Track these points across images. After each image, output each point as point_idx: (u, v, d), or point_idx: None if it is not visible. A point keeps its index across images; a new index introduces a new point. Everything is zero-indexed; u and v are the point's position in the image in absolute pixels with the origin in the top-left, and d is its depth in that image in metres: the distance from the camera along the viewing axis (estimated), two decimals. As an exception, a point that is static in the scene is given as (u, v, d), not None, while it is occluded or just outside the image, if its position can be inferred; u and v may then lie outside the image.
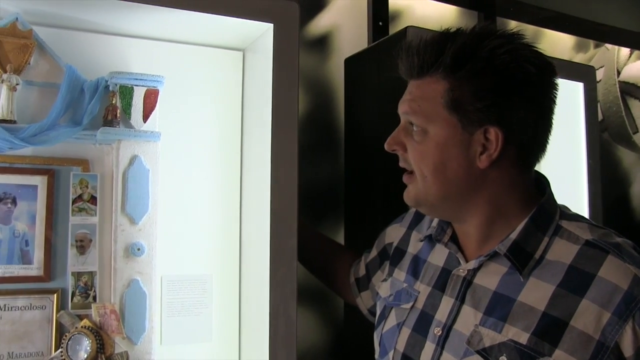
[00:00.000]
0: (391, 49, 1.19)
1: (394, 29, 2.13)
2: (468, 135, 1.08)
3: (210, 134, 1.77)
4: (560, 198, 1.18)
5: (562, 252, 1.06)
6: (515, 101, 1.07)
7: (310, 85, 1.96)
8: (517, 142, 1.09)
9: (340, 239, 2.02)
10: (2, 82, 1.51)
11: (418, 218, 1.40)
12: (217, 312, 1.74)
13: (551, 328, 1.00)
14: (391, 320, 1.27)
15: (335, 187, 2.02)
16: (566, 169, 2.31)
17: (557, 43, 2.67)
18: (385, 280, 1.37)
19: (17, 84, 1.53)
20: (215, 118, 1.78)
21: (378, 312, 1.36)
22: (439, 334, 1.13)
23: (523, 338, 1.01)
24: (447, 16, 2.35)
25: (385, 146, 1.19)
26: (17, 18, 1.54)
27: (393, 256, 1.40)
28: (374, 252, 1.53)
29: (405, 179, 1.19)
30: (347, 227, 1.99)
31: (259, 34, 1.68)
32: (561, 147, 1.92)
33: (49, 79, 1.58)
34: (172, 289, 1.70)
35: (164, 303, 1.68)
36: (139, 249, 1.58)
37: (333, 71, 2.09)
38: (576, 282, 1.01)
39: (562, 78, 1.15)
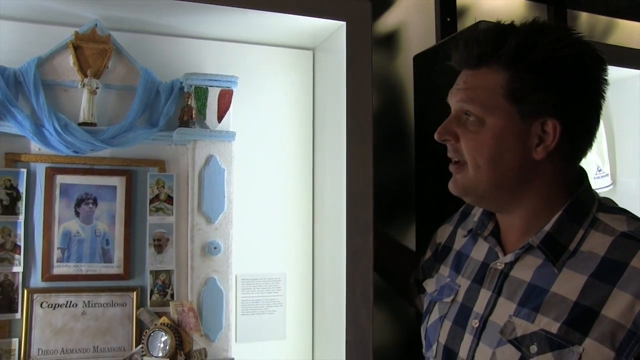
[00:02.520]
0: (464, 36, 1.18)
1: (462, 24, 2.09)
2: (526, 126, 1.09)
3: (282, 133, 1.78)
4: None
5: (596, 244, 1.06)
6: (573, 94, 1.08)
7: (379, 83, 1.94)
8: (571, 135, 1.10)
9: (412, 238, 2.00)
10: (83, 86, 1.56)
11: (464, 216, 1.42)
12: (290, 311, 1.75)
13: (582, 317, 1.00)
14: (434, 314, 1.30)
15: (405, 186, 1.99)
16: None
17: (631, 33, 2.56)
18: (431, 277, 1.40)
19: (97, 88, 1.57)
20: (286, 117, 1.79)
21: (424, 307, 1.39)
22: (476, 325, 1.16)
23: (554, 327, 1.02)
24: (515, 10, 2.29)
25: (436, 136, 1.19)
26: (96, 24, 1.59)
27: (440, 254, 1.43)
28: (428, 253, 1.55)
29: (453, 168, 1.20)
30: (419, 227, 1.96)
31: (330, 33, 1.67)
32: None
33: (126, 82, 1.62)
34: (246, 288, 1.72)
35: (239, 301, 1.70)
36: (215, 248, 1.60)
37: (401, 69, 2.06)
38: (608, 271, 1.02)
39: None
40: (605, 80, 1.13)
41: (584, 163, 1.22)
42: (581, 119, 1.11)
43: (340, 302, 1.52)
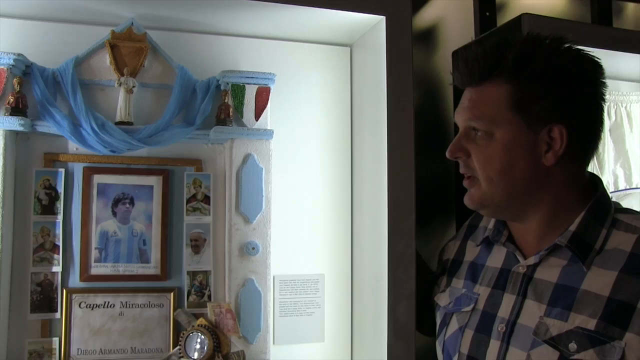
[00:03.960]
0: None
1: (501, 19, 2.03)
2: (533, 134, 1.12)
3: (320, 132, 1.75)
4: None
5: (621, 241, 1.09)
6: (575, 98, 1.12)
7: (417, 79, 1.89)
8: (578, 138, 1.13)
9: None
10: (120, 85, 1.55)
11: (471, 229, 1.43)
12: (329, 312, 1.72)
13: (619, 312, 1.02)
14: (453, 326, 1.28)
15: (445, 183, 1.95)
16: None
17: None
18: (443, 291, 1.38)
19: (133, 87, 1.56)
20: (323, 115, 1.76)
21: (438, 322, 1.37)
22: (502, 330, 1.15)
23: (591, 324, 1.03)
24: (556, 3, 2.22)
25: (447, 154, 1.22)
26: (132, 23, 1.58)
27: (450, 269, 1.42)
28: (436, 271, 1.53)
29: (466, 183, 1.22)
30: (459, 225, 1.91)
31: (368, 29, 1.64)
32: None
33: (162, 81, 1.61)
34: (284, 289, 1.69)
35: (277, 303, 1.68)
36: (253, 248, 1.57)
37: (440, 64, 2.01)
38: (639, 266, 1.04)
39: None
40: (604, 82, 1.16)
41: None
42: (585, 121, 1.14)
43: (381, 305, 1.49)
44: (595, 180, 1.21)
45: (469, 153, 1.18)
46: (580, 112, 1.13)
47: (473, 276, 1.32)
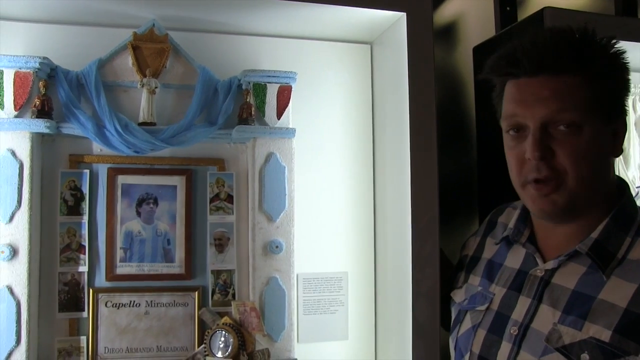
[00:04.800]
0: (522, 34, 1.12)
1: (521, 14, 2.01)
2: (605, 129, 1.08)
3: (341, 129, 1.75)
4: None
5: None
6: (625, 93, 1.11)
7: (438, 76, 1.88)
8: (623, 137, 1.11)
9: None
10: (142, 86, 1.57)
11: (491, 225, 1.40)
12: (352, 311, 1.72)
13: (636, 326, 0.97)
14: (466, 324, 1.26)
15: (468, 180, 1.93)
16: None
17: None
18: (460, 287, 1.36)
19: (155, 87, 1.58)
20: (345, 113, 1.76)
21: (453, 317, 1.35)
22: (515, 333, 1.12)
23: (605, 335, 0.98)
24: (577, -4, 2.19)
25: (533, 156, 1.06)
26: (153, 24, 1.59)
27: (468, 265, 1.39)
28: (454, 268, 1.51)
29: (544, 189, 1.08)
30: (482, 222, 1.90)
31: (388, 25, 1.63)
32: None
33: (184, 81, 1.62)
34: (308, 287, 1.69)
35: (300, 301, 1.68)
36: (277, 247, 1.58)
37: (461, 61, 2.00)
38: None
39: None
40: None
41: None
42: (626, 121, 1.13)
43: (405, 303, 1.48)
44: (622, 185, 1.16)
45: (553, 152, 1.06)
46: (624, 107, 1.12)
47: (490, 275, 1.28)
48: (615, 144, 1.10)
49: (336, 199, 1.73)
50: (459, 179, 1.99)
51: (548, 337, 1.05)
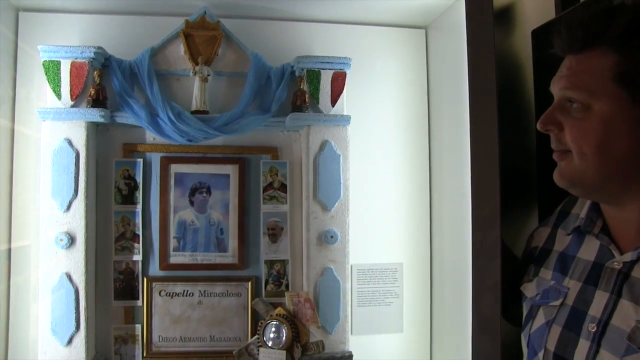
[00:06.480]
0: (567, 20, 1.08)
1: (583, -7, 1.92)
2: (631, 114, 1.00)
3: (396, 116, 1.71)
4: None
5: None
6: None
7: (496, 60, 1.82)
8: None
9: (534, 224, 1.86)
10: (195, 73, 1.55)
11: (563, 215, 1.32)
12: (407, 303, 1.68)
13: None
14: (539, 319, 1.19)
15: (526, 168, 1.86)
16: None
17: None
18: (530, 281, 1.29)
19: (208, 75, 1.56)
20: (400, 99, 1.71)
21: (525, 313, 1.27)
22: (593, 330, 1.04)
23: None
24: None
25: (538, 126, 1.11)
26: (205, 12, 1.58)
27: (538, 257, 1.32)
28: (521, 259, 1.43)
29: (556, 156, 1.11)
30: (542, 212, 1.82)
31: (444, 9, 1.58)
32: None
33: (236, 69, 1.60)
34: (362, 278, 1.66)
35: (354, 292, 1.65)
36: (332, 237, 1.55)
37: (519, 44, 1.92)
38: None
39: None
40: None
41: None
42: None
43: (463, 296, 1.43)
44: None
45: (561, 126, 1.08)
46: None
47: (562, 268, 1.21)
48: None
49: (390, 187, 1.69)
50: (517, 167, 1.91)
51: (631, 335, 0.98)
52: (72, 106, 1.49)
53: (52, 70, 1.49)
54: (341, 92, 1.58)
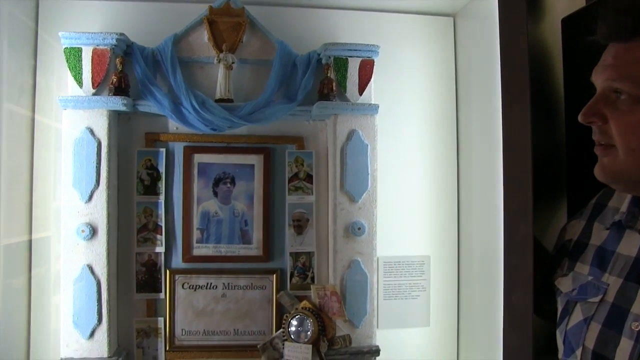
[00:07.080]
0: (614, 5, 1.01)
1: (614, -19, 1.87)
2: None
3: (424, 105, 1.67)
4: None
5: None
6: None
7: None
8: None
9: (563, 217, 1.83)
10: (219, 61, 1.51)
11: (599, 208, 1.27)
12: (434, 296, 1.65)
13: None
14: (576, 316, 1.15)
15: (556, 160, 1.82)
16: None
17: None
18: (565, 275, 1.24)
19: (232, 63, 1.52)
20: (427, 88, 1.67)
21: (560, 309, 1.23)
22: (637, 329, 1.00)
23: None
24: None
25: (580, 118, 1.05)
26: (229, -3, 1.53)
27: (573, 251, 1.27)
28: (552, 252, 1.40)
29: (599, 150, 1.06)
30: (571, 204, 1.79)
31: (474, -5, 1.53)
32: None
33: (261, 56, 1.56)
34: (388, 271, 1.63)
35: (381, 285, 1.62)
36: (359, 229, 1.51)
37: (548, 33, 1.88)
38: None
39: None
40: None
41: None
42: None
43: (493, 290, 1.40)
44: None
45: (606, 118, 1.02)
46: None
47: (601, 263, 1.17)
48: None
49: (418, 179, 1.66)
50: (546, 158, 1.87)
51: None
52: (94, 94, 1.46)
53: (73, 57, 1.45)
54: (369, 80, 1.54)
